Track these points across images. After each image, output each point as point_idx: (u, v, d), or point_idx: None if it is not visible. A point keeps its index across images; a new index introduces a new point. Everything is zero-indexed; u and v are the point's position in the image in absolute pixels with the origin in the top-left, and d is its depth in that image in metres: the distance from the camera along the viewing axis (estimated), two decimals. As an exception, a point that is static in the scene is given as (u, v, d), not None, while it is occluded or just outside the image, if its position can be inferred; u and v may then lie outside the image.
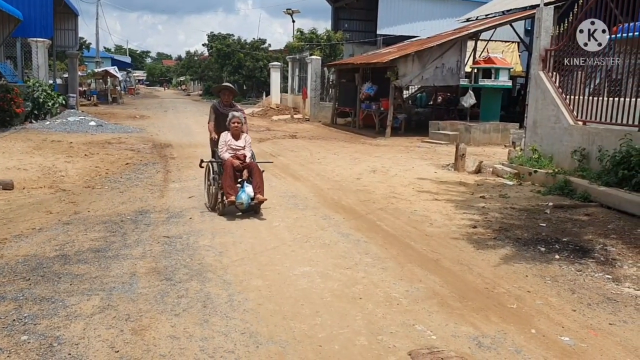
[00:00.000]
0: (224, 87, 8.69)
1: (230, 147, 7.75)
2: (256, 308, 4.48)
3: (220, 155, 7.75)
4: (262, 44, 49.23)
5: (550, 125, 10.61)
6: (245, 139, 7.95)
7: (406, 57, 18.69)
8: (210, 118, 8.41)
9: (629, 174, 8.15)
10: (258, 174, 7.52)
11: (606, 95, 9.78)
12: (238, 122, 7.84)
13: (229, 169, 7.39)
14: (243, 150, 7.81)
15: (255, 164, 7.72)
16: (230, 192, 7.26)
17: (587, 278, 5.32)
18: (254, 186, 7.41)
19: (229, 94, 8.49)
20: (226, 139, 7.80)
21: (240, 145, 7.84)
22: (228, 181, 7.30)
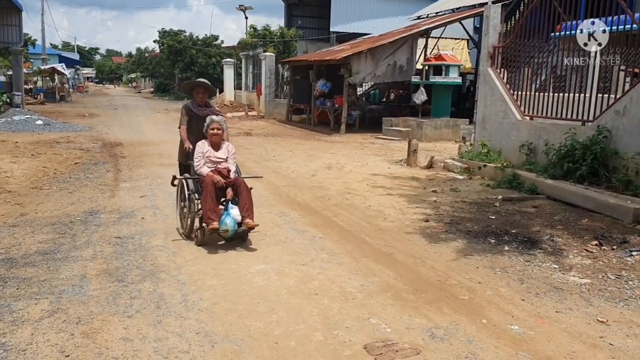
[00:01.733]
0: (198, 83, 7.14)
1: (209, 160, 6.36)
2: (211, 307, 4.44)
3: (197, 170, 6.35)
4: (214, 40, 48.63)
5: (499, 121, 10.90)
6: (227, 148, 6.53)
7: (359, 55, 18.83)
8: (182, 121, 6.92)
9: (574, 167, 8.46)
10: (246, 193, 6.14)
11: (552, 91, 10.11)
12: (218, 128, 6.41)
13: (209, 188, 5.98)
14: (225, 163, 6.40)
15: (241, 180, 6.29)
16: (211, 217, 5.83)
17: (535, 268, 5.51)
18: (241, 208, 6.01)
19: (204, 91, 7.05)
20: (204, 150, 6.38)
21: (221, 157, 6.41)
22: (209, 203, 5.89)
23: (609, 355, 3.76)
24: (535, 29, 10.38)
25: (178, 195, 6.71)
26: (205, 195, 5.97)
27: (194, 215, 6.17)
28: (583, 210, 7.58)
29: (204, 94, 7.06)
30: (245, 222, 5.96)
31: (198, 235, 6.09)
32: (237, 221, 5.92)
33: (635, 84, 8.11)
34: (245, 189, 6.19)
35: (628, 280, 5.16)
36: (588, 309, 4.53)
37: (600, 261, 5.69)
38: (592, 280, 5.18)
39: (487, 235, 6.57)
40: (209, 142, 6.46)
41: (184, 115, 6.97)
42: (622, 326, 4.21)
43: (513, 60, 11.05)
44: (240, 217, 5.94)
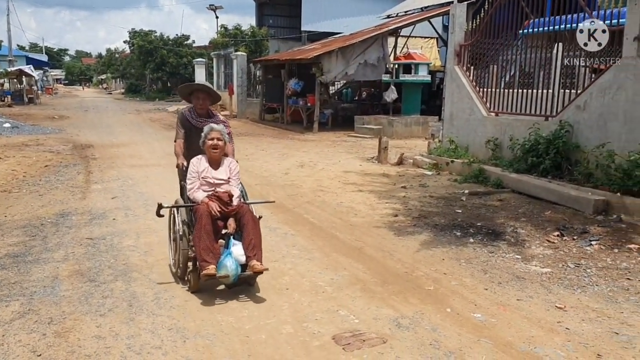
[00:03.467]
0: (198, 86, 5.60)
1: (205, 182, 5.03)
2: (183, 304, 4.52)
3: (189, 194, 5.02)
4: (185, 40, 48.34)
5: (466, 117, 11.15)
6: (229, 166, 5.17)
7: (330, 54, 18.97)
8: (179, 134, 5.53)
9: (538, 161, 8.72)
10: (252, 225, 4.78)
11: (517, 87, 10.38)
12: (219, 139, 5.05)
13: (204, 219, 4.65)
14: (227, 186, 5.06)
15: (247, 208, 4.93)
16: (207, 259, 4.54)
17: (498, 259, 5.70)
18: (246, 245, 4.69)
19: (206, 97, 5.49)
20: (198, 169, 5.06)
21: (221, 177, 5.07)
22: (204, 240, 4.60)
23: (565, 339, 3.95)
24: (501, 26, 10.63)
25: (169, 225, 5.43)
26: (199, 230, 4.64)
27: (185, 254, 4.87)
28: (546, 202, 7.84)
29: (205, 101, 5.49)
30: (251, 264, 4.61)
31: (190, 279, 4.80)
32: (241, 262, 4.63)
33: (594, 79, 8.40)
34: (252, 220, 4.80)
35: (586, 268, 5.38)
36: (547, 296, 4.73)
37: (561, 251, 5.91)
38: (552, 269, 5.39)
39: (453, 228, 6.77)
40: (207, 157, 5.12)
41: (180, 127, 5.51)
42: (578, 311, 4.42)
43: (480, 58, 11.30)
44: (244, 258, 4.64)
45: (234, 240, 4.71)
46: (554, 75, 9.82)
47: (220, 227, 4.83)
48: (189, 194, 5.04)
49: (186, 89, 5.63)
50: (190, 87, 5.62)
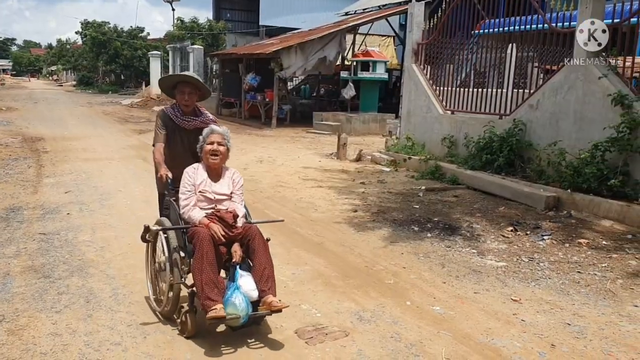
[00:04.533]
0: (183, 77, 4.63)
1: (204, 197, 4.12)
2: (142, 300, 4.45)
3: (184, 212, 4.07)
4: (140, 32, 47.29)
5: (423, 115, 11.33)
6: (231, 178, 4.28)
7: (289, 49, 18.92)
8: (159, 136, 4.55)
9: (492, 158, 8.95)
10: (263, 251, 3.93)
11: (472, 86, 10.61)
12: (220, 143, 4.18)
13: (206, 247, 3.76)
14: (229, 202, 4.17)
15: (256, 229, 4.03)
16: (211, 296, 3.65)
17: (455, 253, 5.84)
18: (258, 277, 3.83)
19: (192, 91, 4.57)
20: (194, 181, 4.14)
21: (222, 192, 4.17)
22: (207, 273, 3.70)
23: (520, 330, 4.08)
24: (457, 26, 10.85)
25: (148, 253, 4.48)
26: (200, 259, 3.72)
27: (178, 290, 3.97)
28: (500, 198, 8.06)
29: (192, 96, 4.58)
30: (266, 300, 3.74)
31: (187, 320, 3.84)
32: (252, 299, 3.76)
33: (547, 79, 8.67)
34: (263, 244, 3.94)
35: (539, 262, 5.57)
36: (503, 289, 4.87)
37: (515, 245, 6.10)
38: (507, 263, 5.55)
39: (411, 224, 6.88)
40: (205, 166, 4.22)
41: (160, 127, 4.56)
42: (533, 304, 4.57)
43: (436, 56, 11.50)
44: (256, 293, 3.77)
45: (241, 270, 3.83)
46: (507, 75, 10.10)
47: (223, 254, 3.89)
48: (183, 213, 4.03)
49: (169, 80, 4.70)
50: (174, 79, 4.68)
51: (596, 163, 7.20)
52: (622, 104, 7.09)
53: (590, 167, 7.18)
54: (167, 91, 4.74)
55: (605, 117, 7.32)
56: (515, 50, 10.02)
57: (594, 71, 7.55)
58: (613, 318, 4.26)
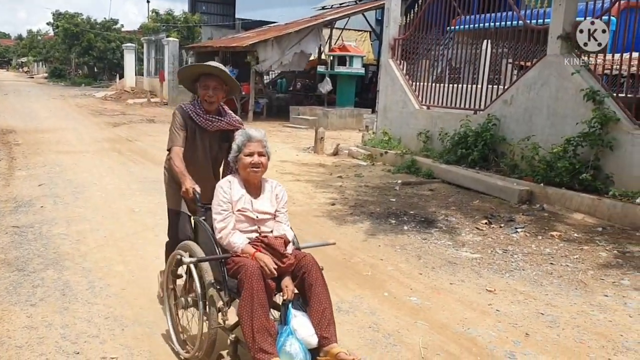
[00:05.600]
0: (210, 69, 3.86)
1: (244, 216, 3.36)
2: (120, 293, 4.42)
3: (222, 238, 3.28)
4: (114, 24, 46.53)
5: (399, 110, 11.42)
6: (274, 192, 3.51)
7: (265, 42, 18.85)
8: (176, 138, 3.83)
9: (466, 153, 9.08)
10: (322, 286, 3.18)
11: (447, 82, 10.73)
12: (261, 153, 3.37)
13: (255, 283, 3.01)
14: (272, 222, 3.44)
15: (312, 259, 3.26)
16: (265, 348, 2.92)
17: (431, 245, 5.92)
18: (317, 319, 3.08)
19: (218, 85, 3.84)
20: (232, 197, 3.36)
21: (266, 210, 3.42)
22: (258, 317, 2.96)
23: (495, 320, 4.16)
24: (433, 22, 10.94)
25: (166, 282, 3.72)
26: (250, 300, 2.96)
27: (215, 333, 3.22)
28: (475, 192, 8.18)
29: (218, 91, 3.84)
30: (331, 351, 2.99)
31: None
32: (311, 346, 3.03)
33: (520, 75, 8.81)
34: (320, 278, 3.19)
35: (513, 254, 5.68)
36: (478, 280, 4.96)
37: (489, 238, 6.20)
38: (482, 255, 5.65)
39: (388, 217, 6.95)
40: (241, 180, 3.43)
41: (179, 128, 3.83)
42: (507, 294, 4.66)
43: (412, 52, 11.58)
44: (315, 339, 3.03)
45: (294, 309, 3.08)
46: (482, 71, 10.23)
47: (272, 289, 3.11)
48: (221, 238, 3.27)
49: (190, 71, 3.95)
50: (197, 70, 3.92)
51: (568, 157, 7.36)
52: (593, 100, 7.25)
53: (562, 162, 7.34)
54: (187, 84, 4.02)
55: (577, 112, 7.48)
56: (490, 46, 10.15)
57: (567, 67, 7.70)
58: (585, 307, 4.38)
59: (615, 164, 7.04)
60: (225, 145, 3.94)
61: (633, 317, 4.21)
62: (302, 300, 3.20)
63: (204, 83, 3.84)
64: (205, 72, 3.87)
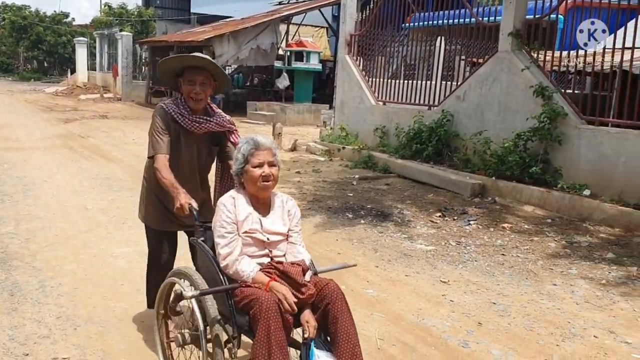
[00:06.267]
0: (195, 60, 3.32)
1: (252, 239, 2.86)
2: (72, 292, 4.31)
3: (228, 267, 2.75)
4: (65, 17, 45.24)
5: (356, 106, 11.50)
6: (285, 208, 3.04)
7: (222, 37, 18.68)
8: (157, 144, 3.34)
9: (421, 148, 9.23)
10: (349, 320, 2.67)
11: (403, 78, 10.87)
12: (271, 162, 2.90)
13: (273, 321, 2.51)
14: (285, 244, 2.96)
15: (336, 287, 2.77)
16: None
17: (387, 238, 6.00)
18: (345, 358, 2.59)
19: (206, 79, 3.33)
20: (237, 216, 2.85)
21: (277, 229, 2.94)
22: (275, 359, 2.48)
23: (449, 310, 4.26)
24: (389, 18, 11.06)
25: (156, 314, 3.24)
26: (266, 340, 2.49)
27: None
28: (429, 186, 8.32)
29: (205, 87, 3.33)
30: None
31: None
32: None
33: (473, 71, 9.01)
34: (347, 310, 2.70)
35: (466, 245, 5.82)
36: (433, 272, 5.06)
37: (443, 230, 6.34)
38: (436, 247, 5.77)
39: (346, 211, 7.01)
40: (247, 195, 2.94)
41: (161, 132, 3.34)
42: (460, 285, 4.78)
43: (369, 48, 11.68)
44: None
45: (316, 349, 2.60)
46: (436, 68, 10.40)
47: (289, 325, 2.62)
48: (227, 266, 2.75)
49: (172, 63, 3.36)
50: (180, 62, 3.35)
51: (519, 152, 7.57)
52: (543, 95, 7.47)
53: (513, 156, 7.54)
54: (168, 78, 3.43)
55: (527, 107, 7.70)
56: (444, 43, 10.34)
57: (518, 64, 7.90)
58: (534, 296, 4.53)
59: (564, 157, 7.28)
60: (215, 149, 3.54)
61: (580, 304, 4.38)
62: (325, 335, 2.73)
63: (190, 78, 3.29)
64: (190, 64, 3.31)
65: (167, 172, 3.22)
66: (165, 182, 3.18)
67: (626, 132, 6.66)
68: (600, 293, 4.57)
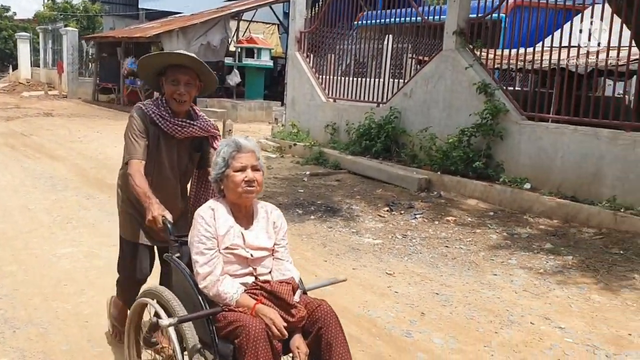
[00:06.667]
0: (179, 59, 3.07)
1: (235, 255, 2.57)
2: (11, 293, 4.20)
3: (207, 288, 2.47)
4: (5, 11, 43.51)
5: (307, 103, 11.56)
6: (269, 217, 2.74)
7: (170, 33, 18.39)
8: (135, 147, 3.04)
9: (370, 144, 9.37)
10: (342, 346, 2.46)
11: (353, 75, 10.99)
12: (256, 167, 2.62)
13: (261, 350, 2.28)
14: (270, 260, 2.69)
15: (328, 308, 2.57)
16: None
17: (336, 233, 6.08)
18: None
19: (192, 79, 3.07)
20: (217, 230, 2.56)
21: (262, 244, 2.65)
22: None
23: (394, 301, 4.37)
24: (339, 16, 11.15)
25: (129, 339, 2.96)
26: None
27: None
28: (378, 182, 8.47)
29: (190, 88, 3.06)
30: None
31: None
32: None
33: (419, 69, 9.20)
34: (341, 333, 2.51)
35: (412, 238, 5.96)
36: (379, 265, 5.17)
37: (390, 224, 6.47)
38: (383, 240, 5.89)
39: (296, 207, 7.06)
40: (228, 204, 2.65)
41: (138, 135, 3.06)
42: (405, 276, 4.90)
43: (320, 46, 11.75)
44: None
45: None
46: (385, 65, 10.57)
47: (278, 353, 2.39)
48: (207, 287, 2.46)
49: (154, 61, 3.11)
50: (164, 59, 3.11)
51: (463, 147, 7.79)
52: (485, 92, 7.71)
53: (457, 151, 7.76)
54: (149, 77, 3.19)
55: (470, 104, 7.93)
56: (392, 41, 10.51)
57: (461, 62, 8.12)
58: (475, 286, 4.69)
59: (505, 152, 7.54)
60: (196, 156, 3.25)
61: (518, 292, 4.57)
62: None
63: (173, 77, 3.02)
64: (174, 62, 3.05)
65: (141, 179, 2.91)
66: (137, 190, 2.88)
67: (563, 127, 6.96)
68: (537, 282, 4.78)
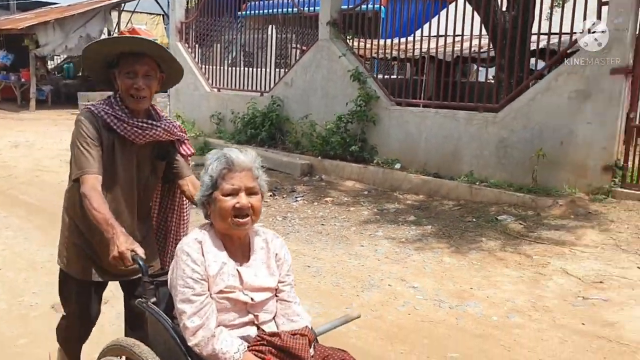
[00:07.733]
0: (135, 43, 2.38)
1: (231, 300, 1.99)
2: None
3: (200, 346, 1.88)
4: None
5: (190, 93, 11.56)
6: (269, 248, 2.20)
7: (46, 25, 17.45)
8: (87, 161, 2.33)
9: (256, 132, 9.59)
10: None
11: (239, 65, 11.12)
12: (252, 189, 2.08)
13: None
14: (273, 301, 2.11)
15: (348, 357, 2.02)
16: None
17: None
18: None
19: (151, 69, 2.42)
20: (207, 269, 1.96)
21: (264, 283, 2.07)
22: None
23: (269, 277, 4.65)
24: (224, 6, 11.18)
25: None
26: None
27: None
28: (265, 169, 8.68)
29: (150, 80, 2.44)
30: None
31: None
32: None
33: (298, 59, 9.53)
34: None
35: (291, 219, 6.29)
36: (258, 246, 5.43)
37: (272, 208, 6.76)
38: (264, 223, 6.14)
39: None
40: (217, 235, 2.08)
41: (89, 143, 2.37)
42: (282, 255, 5.20)
43: (205, 36, 11.75)
44: None
45: None
46: (269, 55, 10.81)
47: None
48: (198, 345, 1.90)
49: (103, 49, 2.43)
50: (115, 46, 2.44)
51: (340, 133, 8.23)
52: (358, 80, 8.17)
53: (335, 137, 8.19)
54: (96, 69, 2.51)
55: (346, 92, 8.37)
56: (276, 31, 10.75)
57: (336, 51, 8.54)
58: (344, 257, 5.09)
59: (378, 136, 8.07)
60: (161, 165, 2.62)
61: (380, 260, 5.03)
62: None
63: (128, 68, 2.39)
64: (129, 50, 2.38)
65: (100, 201, 2.24)
66: (96, 216, 2.19)
67: (426, 111, 7.58)
68: (398, 249, 5.27)
